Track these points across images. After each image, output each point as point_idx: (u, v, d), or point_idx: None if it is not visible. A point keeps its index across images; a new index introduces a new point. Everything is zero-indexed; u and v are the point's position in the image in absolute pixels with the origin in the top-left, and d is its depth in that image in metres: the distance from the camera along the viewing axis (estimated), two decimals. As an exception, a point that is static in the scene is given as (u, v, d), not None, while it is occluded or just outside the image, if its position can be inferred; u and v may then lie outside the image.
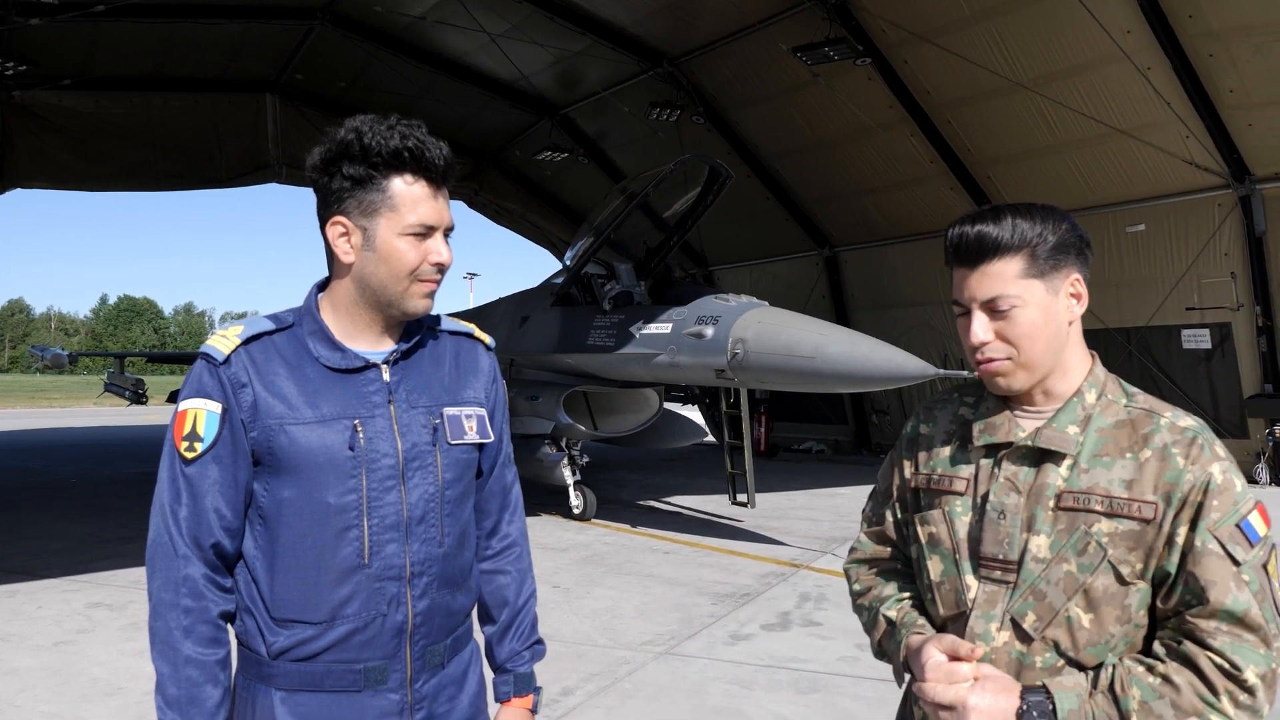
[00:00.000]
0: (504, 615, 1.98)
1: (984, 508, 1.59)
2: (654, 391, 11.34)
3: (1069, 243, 1.57)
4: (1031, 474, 1.56)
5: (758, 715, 4.65)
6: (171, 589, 1.65)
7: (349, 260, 1.74)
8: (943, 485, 1.67)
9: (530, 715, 1.96)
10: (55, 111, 16.58)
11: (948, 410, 1.75)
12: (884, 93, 13.66)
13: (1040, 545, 1.52)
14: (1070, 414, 1.58)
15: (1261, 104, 11.16)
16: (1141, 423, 1.54)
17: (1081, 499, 1.51)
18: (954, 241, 1.61)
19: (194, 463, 1.68)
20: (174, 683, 1.63)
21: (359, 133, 1.69)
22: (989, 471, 1.61)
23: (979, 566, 1.58)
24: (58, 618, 6.42)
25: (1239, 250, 12.33)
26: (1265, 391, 12.51)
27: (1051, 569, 1.51)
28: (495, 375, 1.98)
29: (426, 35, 15.84)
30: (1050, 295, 1.56)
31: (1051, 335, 1.57)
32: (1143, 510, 1.47)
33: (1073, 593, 1.49)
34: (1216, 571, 1.42)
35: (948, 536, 1.63)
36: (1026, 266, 1.55)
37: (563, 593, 7.19)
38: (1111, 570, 1.48)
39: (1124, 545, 1.48)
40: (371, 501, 1.71)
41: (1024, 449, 1.58)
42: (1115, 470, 1.51)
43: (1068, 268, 1.57)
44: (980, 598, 1.56)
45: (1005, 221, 1.56)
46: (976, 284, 1.59)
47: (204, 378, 1.71)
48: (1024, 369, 1.59)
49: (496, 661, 1.98)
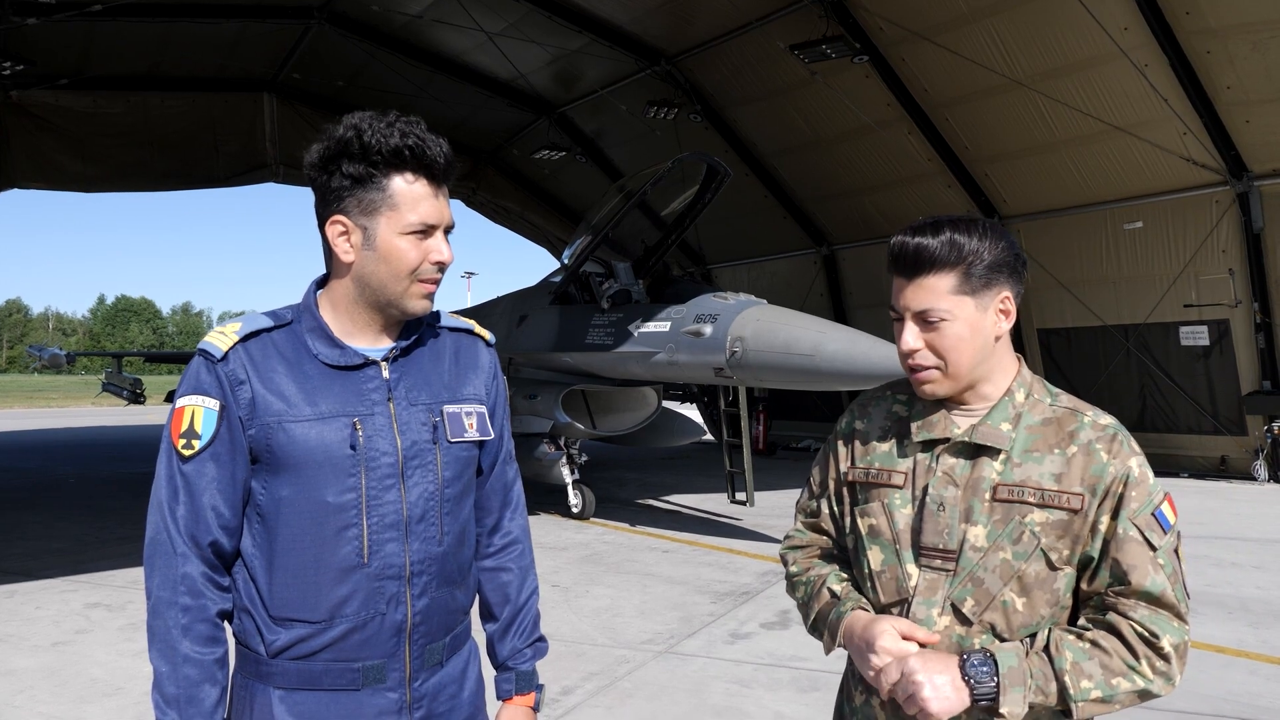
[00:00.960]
0: (506, 612, 1.97)
1: (924, 500, 1.67)
2: (652, 390, 11.34)
3: (1003, 262, 1.65)
4: (968, 468, 1.66)
5: (758, 714, 4.64)
6: (170, 587, 1.64)
7: (349, 259, 1.73)
8: (881, 479, 1.75)
9: (532, 713, 1.95)
10: (52, 111, 16.56)
11: (881, 407, 1.84)
12: (882, 90, 13.66)
13: (978, 535, 1.62)
14: (1003, 412, 1.68)
15: (1259, 101, 11.17)
16: (1066, 421, 1.66)
17: (1016, 491, 1.61)
18: (894, 251, 1.69)
19: (191, 460, 1.66)
20: (172, 681, 1.62)
21: (359, 130, 1.67)
22: (926, 465, 1.70)
23: (920, 556, 1.66)
24: (56, 618, 6.41)
25: (1237, 247, 12.34)
26: (1263, 388, 12.52)
27: (989, 557, 1.61)
28: (496, 372, 1.97)
29: (424, 34, 15.82)
30: (979, 311, 1.65)
31: (977, 349, 1.66)
32: (1071, 501, 1.59)
33: (1008, 578, 1.60)
34: (1136, 556, 1.56)
35: (888, 528, 1.71)
36: (959, 283, 1.64)
37: (562, 592, 7.19)
38: (1043, 557, 1.59)
39: (1054, 534, 1.59)
40: (371, 500, 1.70)
41: (960, 444, 1.68)
42: (1045, 464, 1.62)
43: (999, 286, 1.66)
44: (921, 585, 1.65)
45: (943, 236, 1.64)
46: (910, 295, 1.67)
47: (201, 374, 1.69)
48: (949, 379, 1.68)
49: (498, 659, 1.97)
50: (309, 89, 18.19)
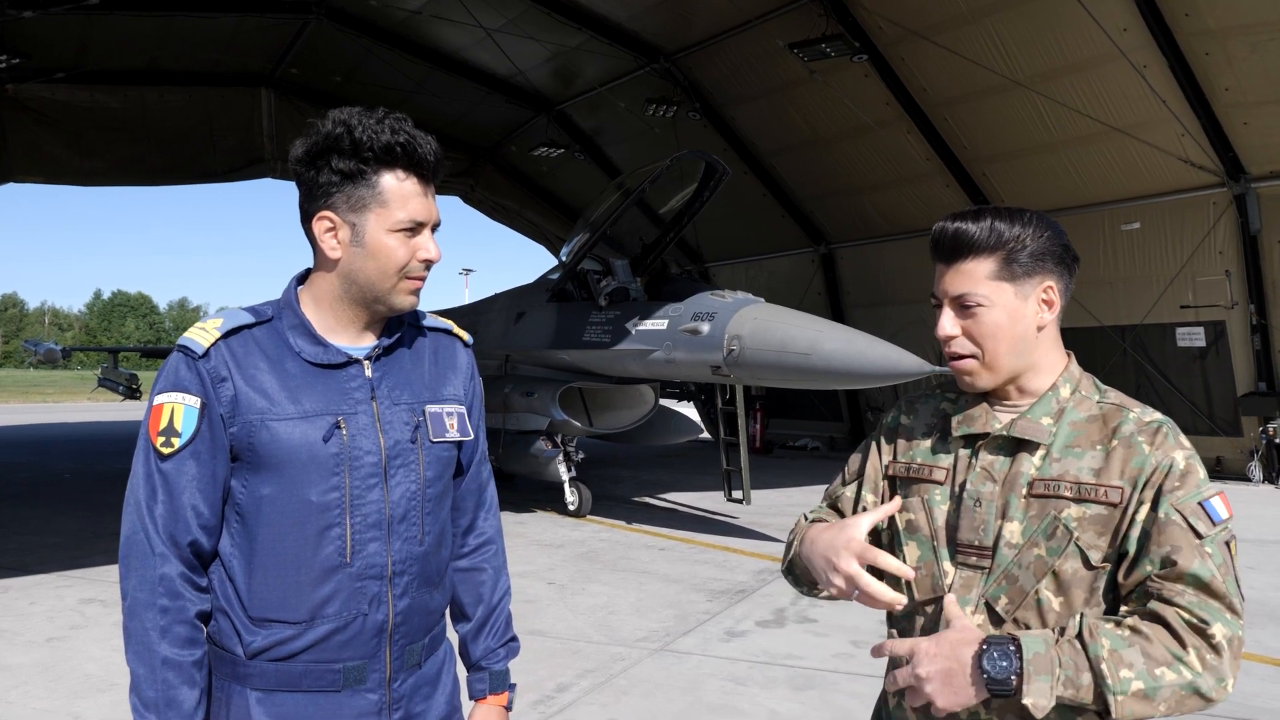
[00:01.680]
0: (479, 612, 1.96)
1: (961, 496, 1.64)
2: (649, 388, 11.34)
3: (1048, 251, 1.61)
4: (1006, 463, 1.62)
5: (753, 712, 4.64)
6: (148, 588, 1.61)
7: (335, 256, 1.71)
8: (922, 474, 1.72)
9: (505, 713, 1.94)
10: (49, 105, 16.52)
11: (930, 404, 1.80)
12: (880, 90, 13.66)
13: (1013, 531, 1.57)
14: (1045, 406, 1.63)
15: (1257, 102, 11.18)
16: (1111, 417, 1.60)
17: (1052, 485, 1.56)
18: (934, 236, 1.67)
19: (170, 458, 1.63)
20: (150, 685, 1.59)
21: (348, 126, 1.66)
22: (966, 462, 1.66)
23: (956, 553, 1.63)
24: (50, 613, 6.40)
25: (1233, 248, 12.36)
26: (1259, 389, 12.54)
27: (1023, 553, 1.56)
28: (473, 372, 1.96)
29: (422, 30, 15.81)
30: (1019, 300, 1.61)
31: (1016, 338, 1.62)
32: (1109, 494, 1.52)
33: (1042, 575, 1.54)
34: (1180, 539, 1.45)
35: (926, 524, 1.68)
36: (998, 269, 1.61)
37: (558, 589, 7.19)
38: (1079, 554, 1.53)
39: (1093, 530, 1.52)
40: (354, 499, 1.68)
41: (1000, 439, 1.64)
42: (1085, 460, 1.57)
43: (1041, 275, 1.62)
44: (957, 583, 1.61)
45: (984, 222, 1.61)
46: (949, 280, 1.64)
47: (181, 371, 1.67)
48: (988, 369, 1.64)
49: (471, 659, 1.96)
50: (306, 84, 18.17)
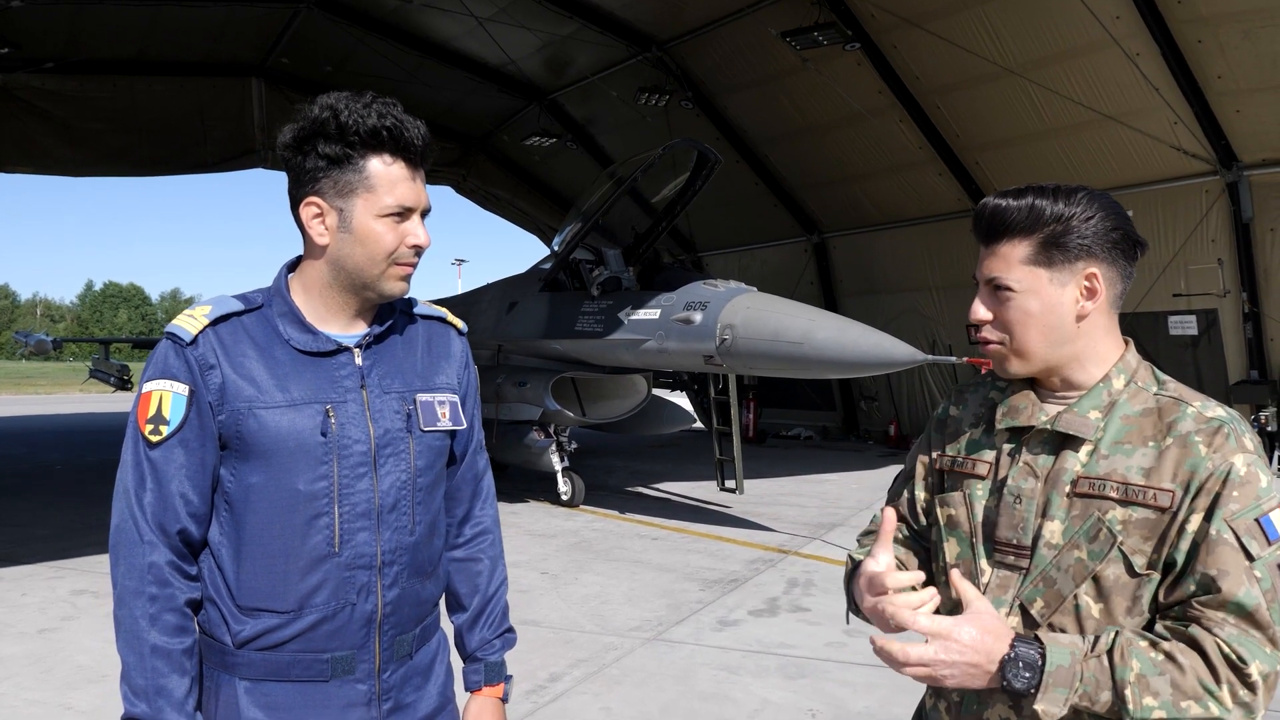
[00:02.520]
0: (475, 603, 1.94)
1: (1002, 491, 1.56)
2: (642, 377, 11.34)
3: (1094, 234, 1.50)
4: (1050, 460, 1.53)
5: (744, 700, 4.66)
6: (136, 576, 1.61)
7: (323, 242, 1.70)
8: (966, 468, 1.64)
9: (501, 704, 1.93)
10: (38, 95, 16.38)
11: (979, 394, 1.72)
12: (873, 78, 13.62)
13: (1054, 531, 1.49)
14: (1094, 399, 1.53)
15: (1249, 90, 11.16)
16: (1168, 411, 1.48)
17: (1097, 485, 1.46)
18: (975, 214, 1.59)
19: (159, 446, 1.63)
20: (140, 672, 1.59)
21: (334, 110, 1.64)
22: (1009, 456, 1.58)
23: (994, 551, 1.55)
24: (42, 604, 6.39)
25: (1226, 237, 12.36)
26: (1250, 378, 12.57)
27: (1063, 555, 1.47)
28: (468, 360, 1.95)
29: (413, 19, 15.71)
30: (1055, 286, 1.51)
31: (1049, 327, 1.52)
32: (1159, 498, 1.42)
33: (1081, 579, 1.46)
34: (1229, 562, 1.35)
35: (966, 520, 1.61)
36: (1033, 253, 1.52)
37: (551, 579, 7.19)
38: (1122, 559, 1.43)
39: (1138, 534, 1.43)
40: (343, 489, 1.67)
41: (1045, 434, 1.54)
42: (1135, 458, 1.46)
43: (1084, 260, 1.50)
44: (993, 583, 1.54)
45: (1024, 201, 1.52)
46: (986, 262, 1.57)
47: (170, 358, 1.66)
48: (1017, 356, 1.56)
49: (467, 650, 1.95)
50: (297, 74, 18.05)
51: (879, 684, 4.76)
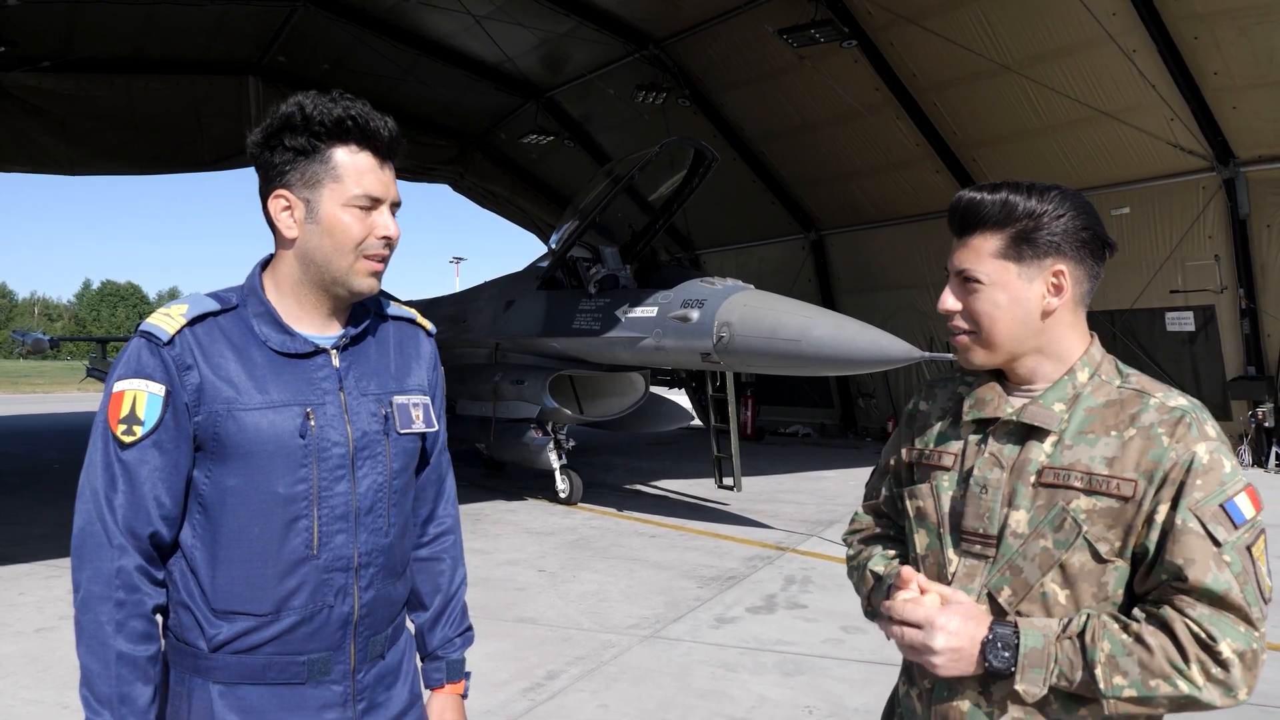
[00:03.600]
0: (437, 602, 1.95)
1: (967, 482, 1.59)
2: (640, 375, 11.33)
3: (1064, 232, 1.54)
4: (1016, 450, 1.56)
5: (742, 697, 4.66)
6: (103, 581, 1.57)
7: (292, 235, 1.69)
8: (933, 460, 1.68)
9: (461, 701, 1.95)
10: (34, 93, 16.35)
11: (948, 388, 1.75)
12: (870, 75, 13.63)
13: (1019, 520, 1.52)
14: (1059, 392, 1.57)
15: (1245, 86, 11.18)
16: (1130, 403, 1.52)
17: (1061, 475, 1.50)
18: (950, 207, 1.63)
19: (132, 447, 1.60)
20: (104, 680, 1.56)
21: (300, 105, 1.66)
22: (976, 447, 1.61)
23: (960, 540, 1.59)
24: (39, 604, 6.38)
25: (1223, 233, 12.38)
26: (1248, 374, 12.59)
27: (1029, 544, 1.51)
28: (435, 362, 1.95)
29: (410, 17, 15.69)
30: (1023, 281, 1.55)
31: (1016, 321, 1.56)
32: (1121, 488, 1.46)
33: (1048, 568, 1.49)
34: (1196, 550, 1.40)
35: (933, 510, 1.64)
36: (1004, 247, 1.55)
37: (549, 577, 7.19)
38: (1088, 547, 1.47)
39: (1102, 522, 1.47)
40: (322, 491, 1.66)
41: (1011, 425, 1.58)
42: (1099, 448, 1.50)
43: (1053, 257, 1.54)
44: (960, 571, 1.57)
45: (999, 195, 1.56)
46: (957, 254, 1.61)
47: (144, 357, 1.63)
48: (983, 347, 1.59)
49: (429, 649, 1.95)
50: (294, 72, 17.98)
51: (876, 680, 4.77)
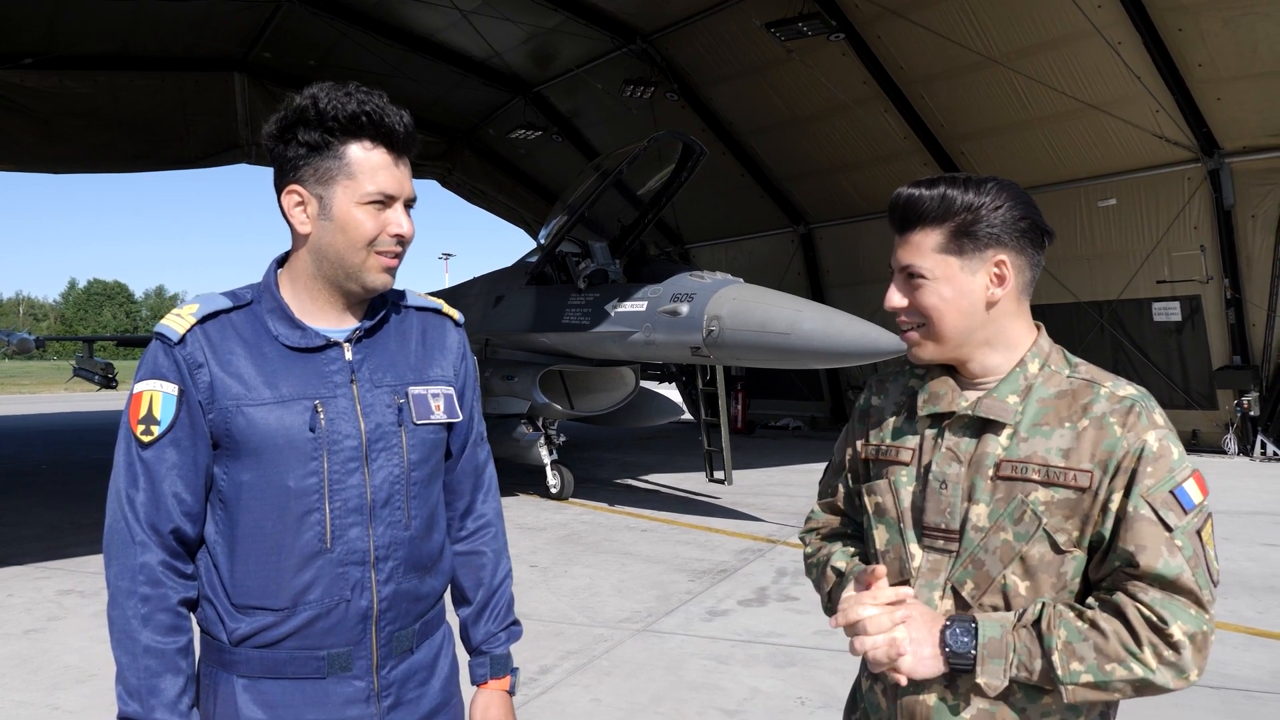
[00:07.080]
0: (480, 596, 1.93)
1: (927, 477, 1.60)
2: (630, 370, 11.34)
3: (1003, 223, 1.55)
4: (972, 444, 1.58)
5: (734, 689, 4.68)
6: (128, 576, 1.60)
7: (305, 231, 1.69)
8: (890, 455, 1.68)
9: (508, 697, 1.92)
10: (17, 91, 16.20)
11: (899, 382, 1.76)
12: (858, 68, 13.65)
13: (980, 514, 1.54)
14: (1011, 384, 1.58)
15: (1230, 78, 11.24)
16: (1082, 393, 1.54)
17: (1019, 468, 1.52)
18: (890, 204, 1.65)
19: (151, 446, 1.63)
20: (133, 672, 1.59)
21: (315, 98, 1.64)
22: (932, 442, 1.62)
23: (922, 536, 1.60)
24: (28, 605, 6.36)
25: (1208, 223, 12.46)
26: (1234, 363, 12.69)
27: (990, 537, 1.53)
28: (465, 352, 1.92)
29: (396, 12, 15.64)
30: (966, 274, 1.56)
31: (962, 313, 1.57)
32: (1078, 479, 1.48)
33: (1009, 560, 1.51)
34: (1147, 536, 1.43)
35: (893, 506, 1.65)
36: (945, 241, 1.57)
37: (540, 572, 7.20)
38: (1047, 538, 1.50)
39: (1060, 514, 1.49)
40: (333, 484, 1.66)
41: (966, 419, 1.59)
42: (1054, 439, 1.52)
43: (994, 248, 1.55)
44: (924, 566, 1.59)
45: (936, 190, 1.57)
46: (900, 250, 1.62)
47: (159, 358, 1.66)
48: (932, 341, 1.61)
49: (472, 644, 1.94)
50: (280, 68, 17.90)
51: (868, 672, 4.78)
